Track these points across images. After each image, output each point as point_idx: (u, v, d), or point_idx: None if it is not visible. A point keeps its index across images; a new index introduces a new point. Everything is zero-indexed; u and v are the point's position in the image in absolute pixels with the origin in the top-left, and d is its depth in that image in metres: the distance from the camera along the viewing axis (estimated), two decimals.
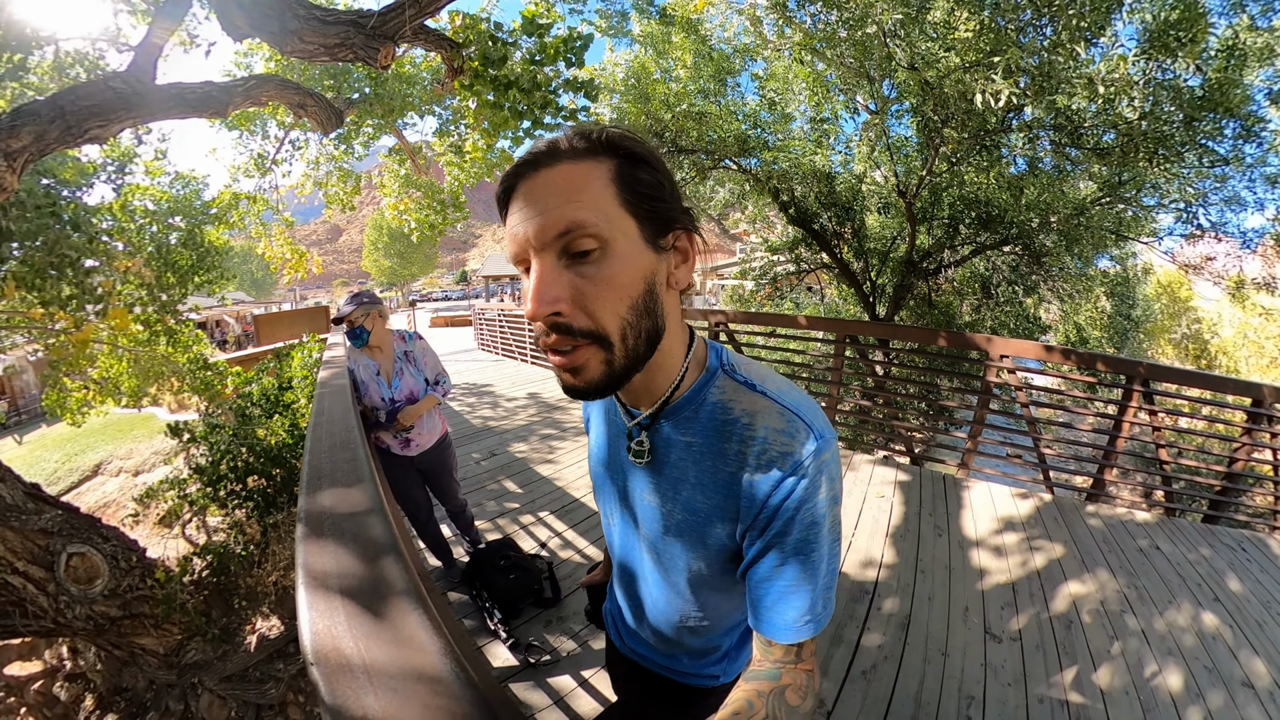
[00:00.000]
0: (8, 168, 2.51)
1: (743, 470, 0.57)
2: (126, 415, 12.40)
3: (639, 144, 0.53)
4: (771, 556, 0.58)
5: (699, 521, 0.62)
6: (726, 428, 0.58)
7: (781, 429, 0.56)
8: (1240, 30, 3.68)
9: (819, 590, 0.58)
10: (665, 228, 0.53)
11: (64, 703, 3.99)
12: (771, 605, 0.59)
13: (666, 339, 0.56)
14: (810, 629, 0.59)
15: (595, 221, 0.48)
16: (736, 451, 0.57)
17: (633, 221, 0.51)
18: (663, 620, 0.79)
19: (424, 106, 5.67)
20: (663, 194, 0.53)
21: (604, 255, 0.49)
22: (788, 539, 0.56)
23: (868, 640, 2.31)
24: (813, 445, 0.55)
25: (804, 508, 0.55)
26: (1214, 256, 5.82)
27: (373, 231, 50.74)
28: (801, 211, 7.29)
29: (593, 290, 0.49)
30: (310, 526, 0.71)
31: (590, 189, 0.49)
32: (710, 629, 0.78)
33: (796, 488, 0.55)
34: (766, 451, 0.55)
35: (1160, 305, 16.57)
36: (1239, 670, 2.26)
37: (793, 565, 0.57)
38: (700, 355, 0.62)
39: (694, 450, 0.60)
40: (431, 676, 0.44)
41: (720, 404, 0.59)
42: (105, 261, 4.65)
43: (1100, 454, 3.97)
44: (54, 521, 3.13)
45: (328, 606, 0.54)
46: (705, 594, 0.71)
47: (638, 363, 0.54)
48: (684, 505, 0.63)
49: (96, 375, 6.11)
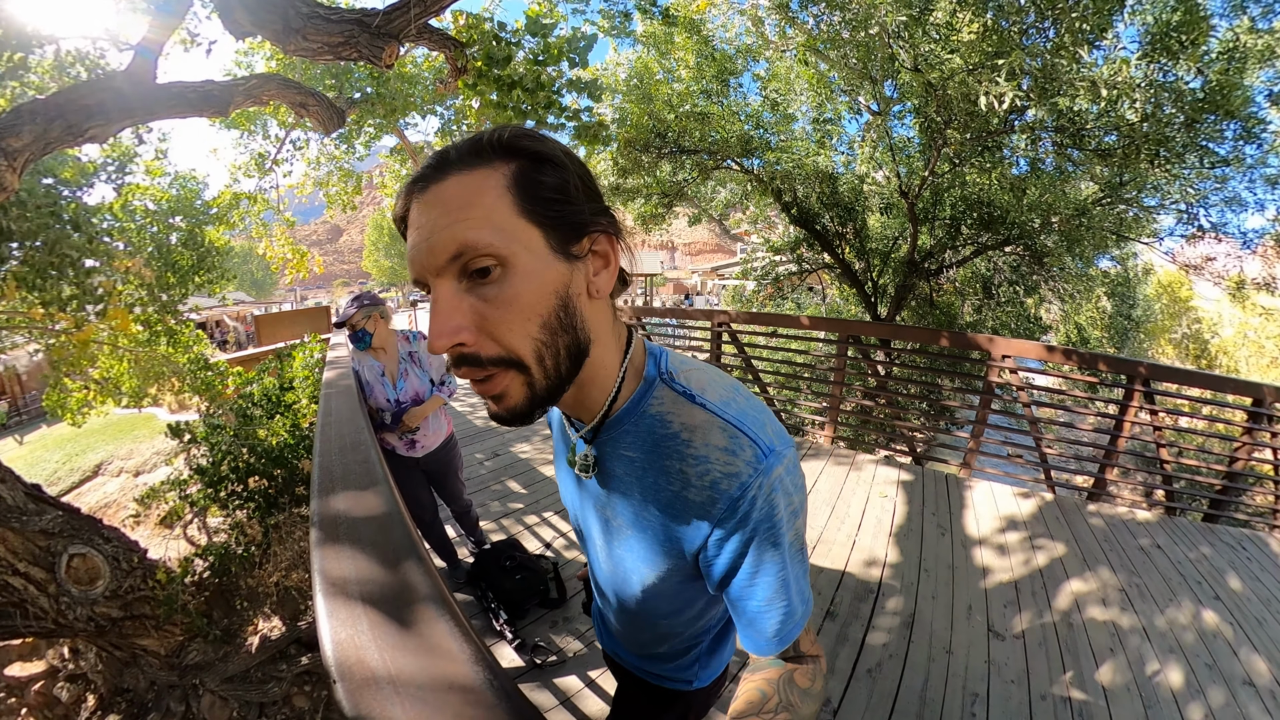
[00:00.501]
0: (8, 167, 2.50)
1: (686, 490, 0.52)
2: (127, 415, 12.38)
3: (539, 141, 0.47)
4: (738, 579, 0.55)
5: (648, 540, 0.59)
6: (666, 443, 0.53)
7: (724, 446, 0.50)
8: (1241, 32, 3.68)
9: (792, 598, 0.56)
10: (577, 233, 0.48)
11: (65, 703, 3.99)
12: (750, 623, 0.57)
13: (596, 349, 0.52)
14: (793, 633, 0.58)
15: (489, 239, 0.43)
16: (678, 470, 0.52)
17: (536, 231, 0.45)
18: (629, 626, 0.78)
19: (426, 106, 5.66)
20: (569, 196, 0.47)
21: (505, 274, 0.44)
22: (746, 560, 0.53)
23: (873, 638, 2.31)
24: (759, 463, 0.50)
25: (759, 531, 0.51)
26: (1214, 257, 5.83)
27: (373, 232, 50.65)
28: (804, 212, 7.29)
29: (496, 313, 0.44)
30: (325, 531, 0.70)
31: (482, 201, 0.44)
32: (675, 637, 0.77)
33: (748, 512, 0.50)
34: (709, 472, 0.51)
35: (1161, 305, 16.60)
36: (1239, 668, 2.28)
37: (759, 584, 0.54)
38: (638, 362, 0.56)
39: (637, 466, 0.56)
40: (464, 686, 0.42)
41: (659, 417, 0.54)
42: (106, 261, 4.64)
43: (1101, 454, 3.98)
44: (55, 522, 3.12)
45: (349, 615, 0.53)
46: (663, 605, 0.68)
47: (562, 382, 0.49)
48: (631, 522, 0.59)
49: (97, 375, 6.10)
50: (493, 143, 0.46)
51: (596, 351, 0.52)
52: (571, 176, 0.48)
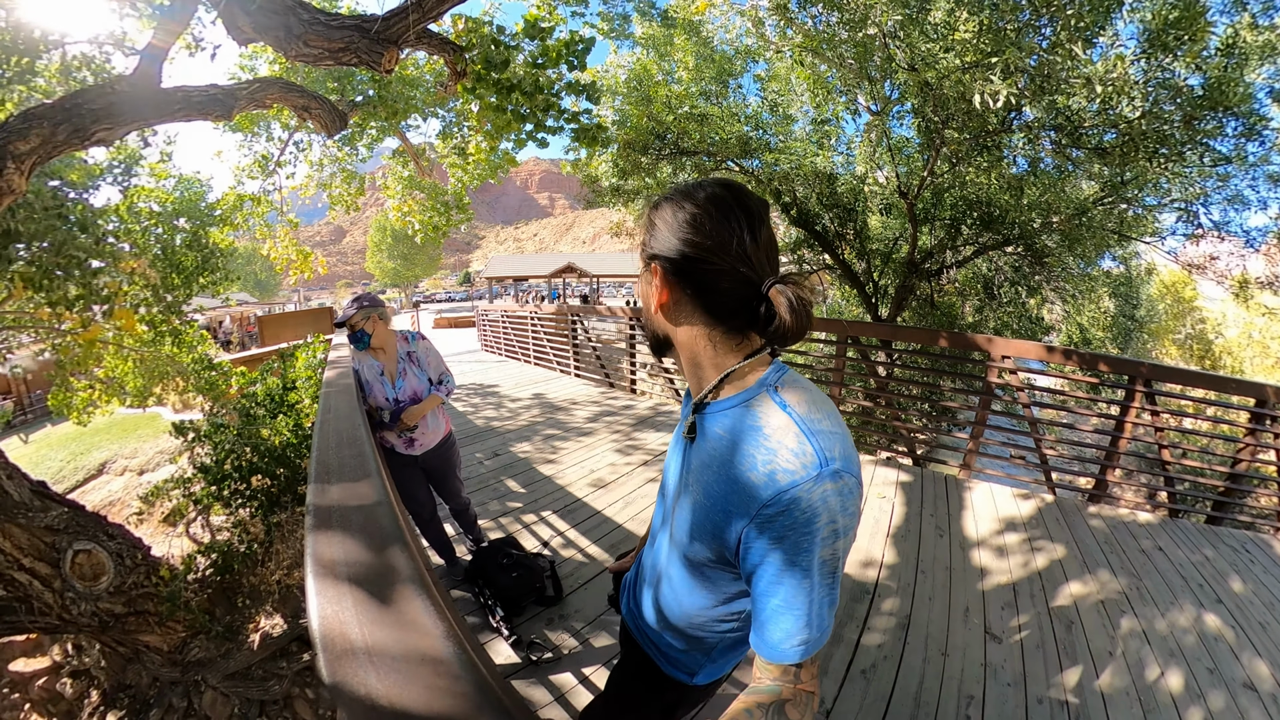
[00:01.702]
0: (16, 170, 2.54)
1: (750, 472, 0.62)
2: (131, 415, 12.48)
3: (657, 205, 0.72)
4: (765, 570, 0.61)
5: (709, 505, 0.69)
6: (750, 433, 0.64)
7: (791, 447, 0.60)
8: (1240, 28, 3.67)
9: (810, 616, 0.60)
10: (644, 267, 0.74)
11: (68, 699, 4.02)
12: (764, 622, 0.63)
13: (685, 349, 0.73)
14: (798, 653, 0.61)
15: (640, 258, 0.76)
16: (750, 454, 0.63)
17: (641, 261, 0.75)
18: (668, 587, 0.86)
19: (427, 109, 5.70)
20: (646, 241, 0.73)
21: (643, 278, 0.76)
22: (777, 554, 0.59)
23: (868, 639, 2.31)
24: (816, 471, 0.58)
25: (797, 529, 0.57)
26: (1218, 256, 5.80)
27: (376, 233, 50.87)
28: (804, 213, 7.30)
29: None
30: (319, 518, 0.73)
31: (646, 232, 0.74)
32: (695, 614, 0.82)
33: (792, 507, 0.57)
34: (772, 463, 0.60)
35: (1164, 306, 16.50)
36: (1241, 671, 2.26)
37: (784, 585, 0.60)
38: (745, 374, 0.70)
39: (722, 442, 0.68)
40: (435, 659, 0.45)
41: (752, 412, 0.66)
42: (111, 262, 4.69)
43: (1102, 455, 3.96)
44: (60, 519, 3.16)
45: (336, 593, 0.55)
46: (698, 577, 0.77)
47: (652, 344, 0.78)
48: (704, 488, 0.70)
49: (102, 375, 6.16)
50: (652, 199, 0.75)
51: (685, 350, 0.73)
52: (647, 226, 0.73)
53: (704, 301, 0.68)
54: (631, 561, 1.19)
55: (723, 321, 0.69)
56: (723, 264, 0.65)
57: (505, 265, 37.63)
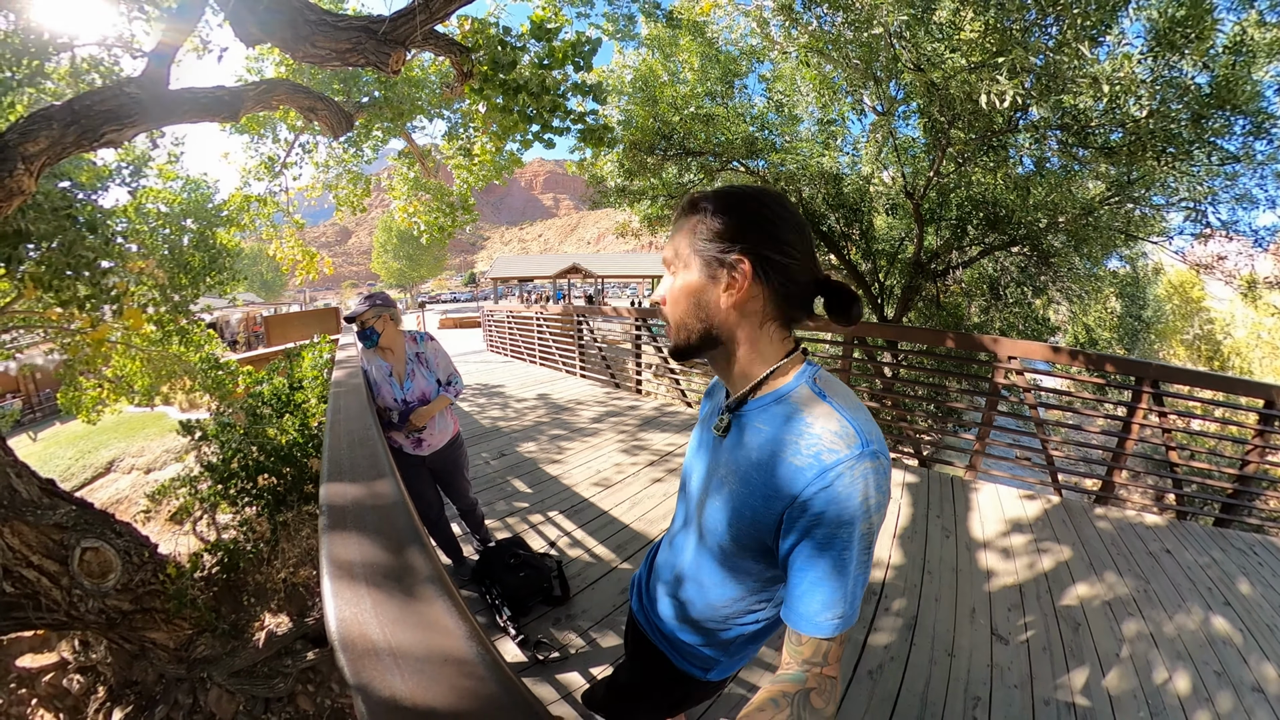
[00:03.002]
0: (25, 171, 2.56)
1: (795, 457, 0.66)
2: (139, 414, 12.56)
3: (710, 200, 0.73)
4: (805, 546, 0.65)
5: (749, 493, 0.72)
6: (792, 422, 0.69)
7: (835, 431, 0.65)
8: (1248, 26, 3.64)
9: (847, 589, 0.64)
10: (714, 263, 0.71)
11: (75, 695, 4.05)
12: (801, 595, 0.66)
13: (736, 346, 0.74)
14: (833, 626, 0.64)
15: (671, 257, 0.76)
16: (793, 441, 0.67)
17: (696, 258, 0.72)
18: (692, 584, 0.88)
19: (433, 110, 5.72)
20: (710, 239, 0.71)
21: (676, 276, 0.75)
22: (820, 530, 0.63)
23: (874, 640, 2.31)
24: (858, 450, 0.63)
25: (839, 503, 0.62)
26: (1225, 255, 5.75)
27: (382, 233, 51.05)
28: (809, 213, 7.29)
29: (669, 295, 0.76)
30: (333, 519, 0.73)
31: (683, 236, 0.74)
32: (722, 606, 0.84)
33: (836, 482, 0.62)
34: (816, 445, 0.65)
35: (1172, 306, 16.39)
36: (1249, 675, 2.24)
37: (825, 559, 0.64)
38: (787, 369, 0.75)
39: (762, 435, 0.72)
40: (459, 659, 0.45)
41: (794, 405, 0.71)
42: (120, 262, 4.72)
43: (1109, 456, 3.94)
44: (68, 516, 3.18)
45: (353, 594, 0.55)
46: (729, 569, 0.80)
47: (691, 348, 0.76)
48: (741, 477, 0.74)
49: (110, 374, 6.20)
50: (692, 201, 0.75)
51: (735, 346, 0.74)
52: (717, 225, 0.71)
53: (781, 296, 0.72)
54: None
55: (786, 315, 0.74)
56: (803, 259, 0.71)
57: (510, 266, 37.72)
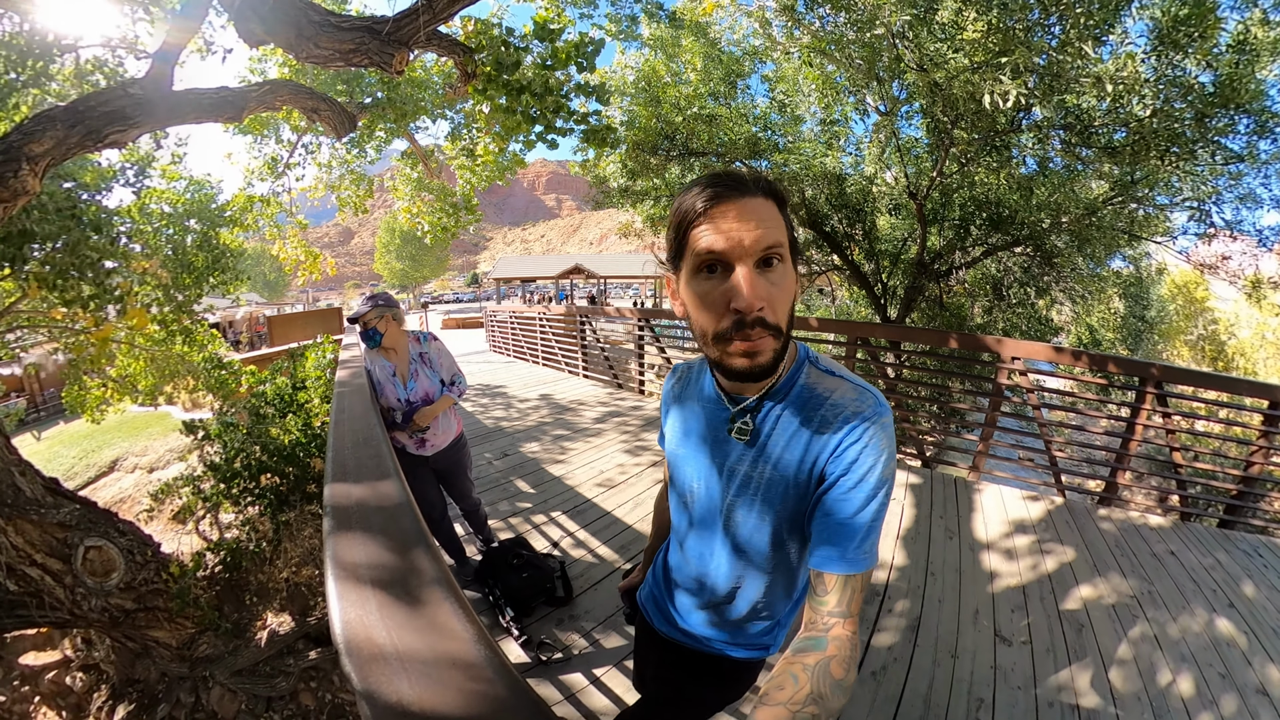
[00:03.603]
0: (30, 171, 2.57)
1: (825, 428, 0.71)
2: (142, 413, 12.61)
3: (786, 190, 0.74)
4: (837, 489, 0.69)
5: (787, 476, 0.74)
6: (814, 401, 0.73)
7: (855, 397, 0.72)
8: (1251, 25, 3.62)
9: (870, 527, 0.68)
10: (797, 254, 0.71)
11: (78, 693, 4.07)
12: (830, 538, 0.68)
13: (788, 344, 0.71)
14: (863, 562, 0.67)
15: (782, 242, 0.66)
16: (820, 414, 0.72)
17: (788, 246, 0.68)
18: (729, 590, 0.87)
19: (436, 110, 5.72)
20: (794, 230, 0.70)
21: (783, 268, 0.66)
22: (850, 475, 0.68)
23: (878, 641, 2.30)
24: (878, 409, 0.71)
25: (868, 449, 0.68)
26: (1230, 255, 5.72)
27: (385, 234, 51.12)
28: (812, 213, 7.28)
29: (777, 293, 0.65)
30: (338, 520, 0.73)
31: (777, 220, 0.66)
32: (770, 596, 0.86)
33: (864, 434, 0.69)
34: (841, 409, 0.71)
35: (1176, 306, 16.32)
36: (1253, 677, 2.23)
37: (853, 499, 0.68)
38: (792, 352, 0.77)
39: (784, 420, 0.74)
40: (467, 663, 0.45)
41: (809, 386, 0.75)
42: (124, 262, 4.74)
43: (1113, 457, 3.93)
44: (72, 515, 3.19)
45: (359, 596, 0.55)
46: (775, 558, 0.81)
47: (783, 355, 0.69)
48: (774, 465, 0.75)
49: (115, 373, 6.23)
50: (766, 183, 0.68)
51: (787, 344, 0.71)
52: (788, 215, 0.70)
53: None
54: (640, 577, 1.17)
55: None
56: None
57: (513, 266, 37.70)
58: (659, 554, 1.09)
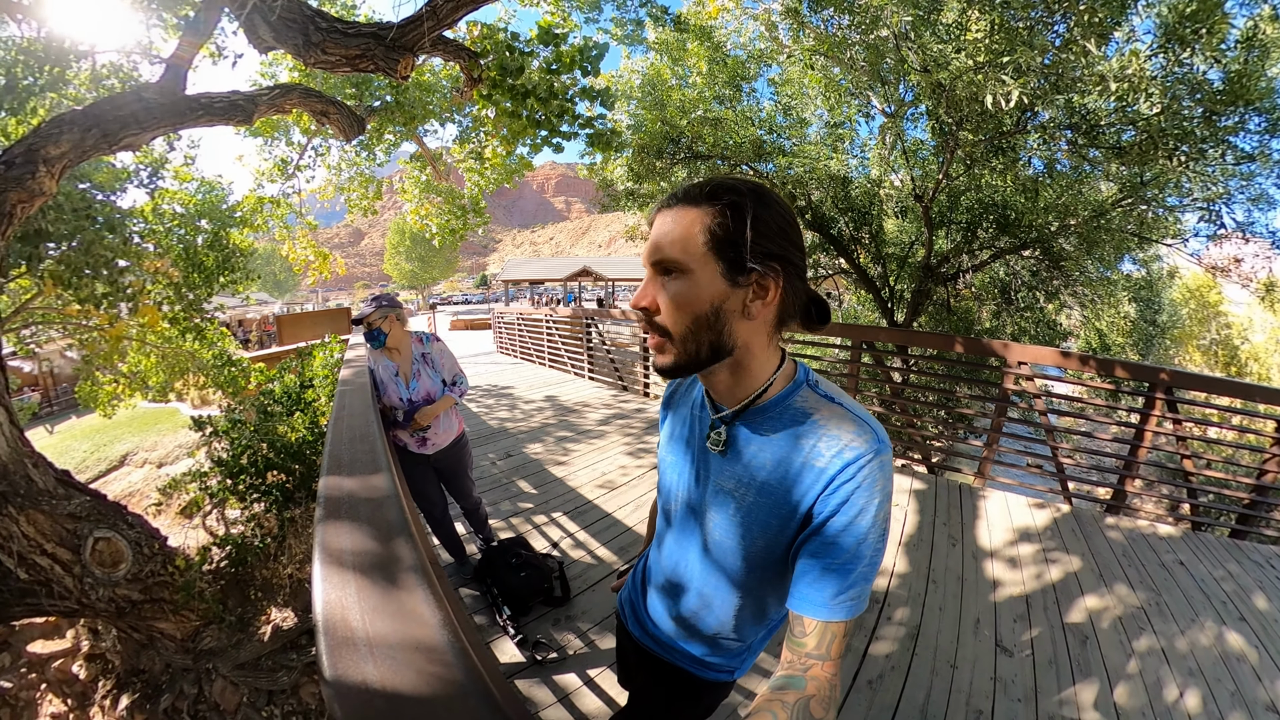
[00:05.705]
0: (47, 173, 2.64)
1: (816, 459, 0.67)
2: (152, 409, 12.81)
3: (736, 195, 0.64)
4: (824, 534, 0.65)
5: (769, 504, 0.71)
6: (806, 427, 0.69)
7: (854, 431, 0.66)
8: (1260, 20, 3.55)
9: (858, 574, 0.65)
10: (742, 269, 0.64)
11: (83, 681, 4.12)
12: (813, 581, 0.65)
13: (747, 356, 0.69)
14: (845, 609, 0.64)
15: (677, 256, 0.65)
16: (812, 445, 0.67)
17: (714, 260, 0.64)
18: (699, 603, 0.85)
19: (444, 114, 5.78)
20: (741, 241, 0.63)
21: (680, 279, 0.65)
22: (840, 516, 0.64)
23: (875, 649, 2.28)
24: (875, 447, 0.65)
25: (862, 489, 0.64)
26: (1242, 258, 5.63)
27: (394, 235, 51.60)
28: (818, 217, 7.26)
29: (666, 302, 0.66)
30: (329, 509, 0.76)
31: (688, 231, 0.64)
32: (740, 618, 0.83)
33: (857, 475, 0.64)
34: (837, 444, 0.66)
35: (1187, 310, 16.06)
36: (1264, 693, 2.18)
37: (840, 545, 0.64)
38: (789, 372, 0.74)
39: (773, 443, 0.71)
40: (429, 646, 0.47)
41: (802, 410, 0.70)
42: (136, 262, 4.83)
43: (1121, 464, 3.87)
44: (82, 507, 3.24)
45: (340, 580, 0.58)
46: (752, 580, 0.78)
47: (699, 362, 0.68)
48: (758, 489, 0.72)
49: (126, 369, 6.34)
50: (702, 190, 0.65)
51: (748, 357, 0.69)
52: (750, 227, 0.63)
53: (789, 302, 0.69)
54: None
55: (785, 322, 0.71)
56: (803, 264, 0.68)
57: (521, 268, 37.89)
58: (640, 558, 1.08)
